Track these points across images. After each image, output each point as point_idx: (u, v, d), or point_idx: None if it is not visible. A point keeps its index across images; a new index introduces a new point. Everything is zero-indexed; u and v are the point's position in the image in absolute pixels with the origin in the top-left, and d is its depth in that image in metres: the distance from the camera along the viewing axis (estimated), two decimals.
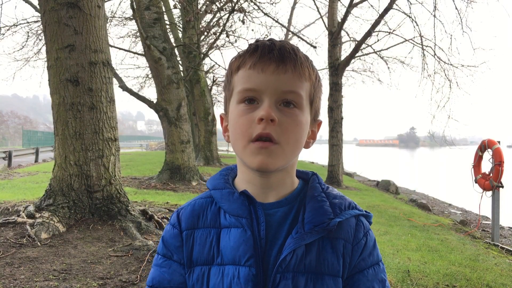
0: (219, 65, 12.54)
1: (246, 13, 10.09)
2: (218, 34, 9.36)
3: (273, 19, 11.21)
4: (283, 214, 0.80)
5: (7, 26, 12.17)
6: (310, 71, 0.79)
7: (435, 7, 10.92)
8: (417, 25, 11.51)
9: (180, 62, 12.34)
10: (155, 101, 8.96)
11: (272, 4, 11.14)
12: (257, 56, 0.76)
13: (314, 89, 0.81)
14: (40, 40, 12.89)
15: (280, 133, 0.74)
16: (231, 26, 12.71)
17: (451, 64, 12.14)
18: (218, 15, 10.84)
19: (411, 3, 11.03)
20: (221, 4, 9.42)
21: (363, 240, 0.81)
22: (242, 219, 0.78)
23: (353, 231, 0.81)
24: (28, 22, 12.40)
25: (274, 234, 0.79)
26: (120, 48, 11.74)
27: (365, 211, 0.85)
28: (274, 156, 0.74)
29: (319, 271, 0.77)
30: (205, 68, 16.35)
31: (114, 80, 8.48)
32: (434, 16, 11.03)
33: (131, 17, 13.00)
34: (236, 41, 13.02)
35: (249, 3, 10.86)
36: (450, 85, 12.27)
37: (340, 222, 0.78)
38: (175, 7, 9.39)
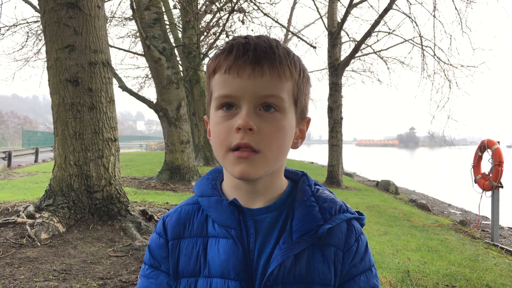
0: None
1: (246, 13, 10.10)
2: (217, 34, 9.36)
3: (273, 19, 11.23)
4: (272, 220, 0.77)
5: (7, 26, 12.17)
6: (292, 69, 0.73)
7: (434, 7, 10.94)
8: (417, 25, 11.54)
9: (180, 62, 12.35)
10: (154, 101, 8.96)
11: (271, 4, 11.16)
12: (231, 59, 0.70)
13: (297, 88, 0.75)
14: (40, 40, 12.89)
15: (260, 141, 0.69)
16: (230, 26, 12.72)
17: (450, 64, 12.15)
18: (217, 15, 10.85)
19: (410, 4, 11.04)
20: (221, 4, 9.43)
21: (355, 246, 0.77)
22: (232, 230, 0.75)
23: (344, 236, 0.77)
24: (28, 22, 12.40)
25: (262, 242, 0.75)
26: (120, 48, 11.74)
27: (357, 211, 0.82)
28: (255, 164, 0.70)
29: (309, 281, 0.73)
30: (205, 68, 16.33)
31: (114, 80, 8.49)
32: (434, 16, 11.04)
33: (131, 17, 13.00)
34: None
35: (248, 3, 10.87)
36: (449, 85, 12.29)
37: (330, 228, 0.75)
38: (174, 7, 9.38)
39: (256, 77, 0.70)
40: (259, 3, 10.59)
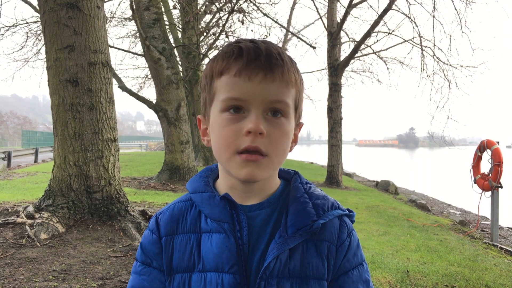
0: None
1: (246, 14, 10.10)
2: (217, 34, 9.36)
3: (273, 20, 11.25)
4: (265, 217, 0.78)
5: (6, 26, 12.18)
6: (296, 76, 0.76)
7: (434, 7, 10.95)
8: (416, 25, 11.55)
9: (180, 62, 12.34)
10: (154, 101, 8.96)
11: (271, 4, 11.16)
12: (242, 63, 0.71)
13: (299, 94, 0.78)
14: (40, 40, 12.89)
15: (269, 145, 0.72)
16: (230, 26, 12.74)
17: (450, 65, 12.17)
18: (217, 15, 10.85)
19: (410, 4, 11.05)
20: (221, 5, 9.42)
21: (347, 241, 0.80)
22: (224, 224, 0.76)
23: (337, 232, 0.79)
24: (27, 23, 12.40)
25: (256, 238, 0.77)
26: (119, 49, 11.74)
27: (347, 209, 0.84)
28: (262, 168, 0.72)
29: (304, 275, 0.75)
30: (204, 68, 16.33)
31: (114, 81, 8.49)
32: (433, 16, 11.05)
33: (131, 18, 13.00)
34: None
35: (248, 4, 10.88)
36: (449, 85, 12.30)
37: (323, 223, 0.77)
38: (174, 7, 9.38)
39: (267, 82, 0.71)
40: (259, 3, 10.60)
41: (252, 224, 0.77)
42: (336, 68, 11.56)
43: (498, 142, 6.12)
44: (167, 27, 11.63)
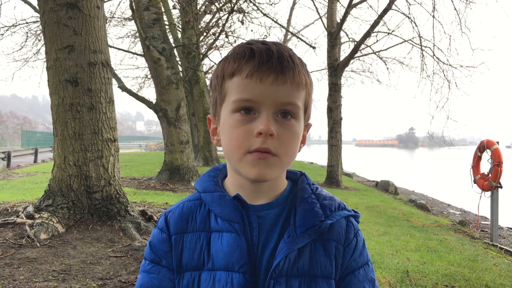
0: None
1: (245, 14, 10.10)
2: (217, 34, 9.35)
3: (272, 20, 11.25)
4: (275, 217, 0.80)
5: (6, 26, 12.18)
6: (307, 79, 0.77)
7: (434, 7, 10.96)
8: (416, 25, 11.56)
9: (180, 62, 12.34)
10: (154, 101, 8.95)
11: (271, 4, 11.17)
12: (254, 64, 0.72)
13: (308, 96, 0.80)
14: (39, 40, 12.89)
15: (279, 146, 0.73)
16: (230, 26, 12.75)
17: (450, 65, 12.17)
18: (217, 15, 10.85)
19: (410, 4, 11.05)
20: (220, 5, 9.42)
21: (354, 241, 0.82)
22: (235, 224, 0.77)
23: (344, 232, 0.81)
24: (27, 23, 12.41)
25: (265, 237, 0.78)
26: (119, 49, 11.74)
27: (353, 210, 0.85)
28: (271, 167, 0.73)
29: (312, 274, 0.77)
30: (204, 68, 16.35)
31: (113, 81, 8.49)
32: (433, 16, 11.06)
33: (130, 18, 13.01)
34: (235, 41, 13.02)
35: (248, 4, 10.89)
36: (449, 85, 12.31)
37: (331, 223, 0.79)
38: (174, 7, 9.37)
39: (278, 84, 0.72)
40: (259, 3, 10.60)
41: (261, 224, 0.79)
42: (336, 68, 11.56)
43: (498, 142, 6.12)
44: (167, 27, 11.63)
